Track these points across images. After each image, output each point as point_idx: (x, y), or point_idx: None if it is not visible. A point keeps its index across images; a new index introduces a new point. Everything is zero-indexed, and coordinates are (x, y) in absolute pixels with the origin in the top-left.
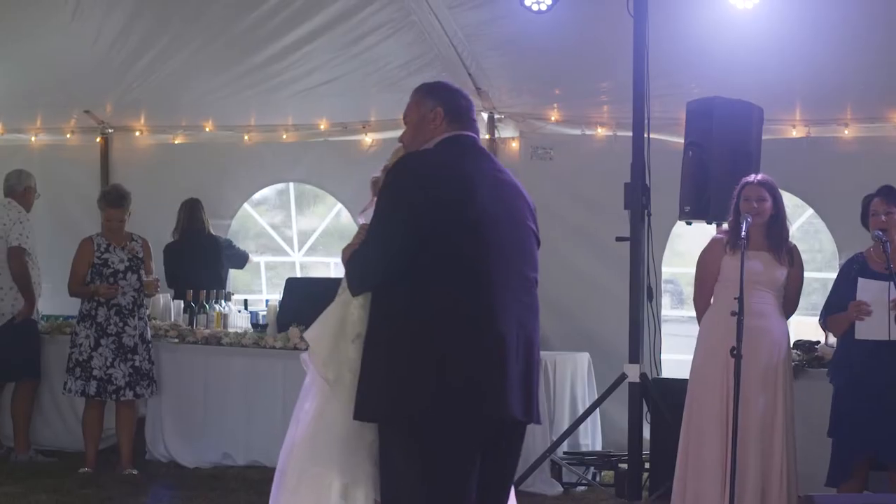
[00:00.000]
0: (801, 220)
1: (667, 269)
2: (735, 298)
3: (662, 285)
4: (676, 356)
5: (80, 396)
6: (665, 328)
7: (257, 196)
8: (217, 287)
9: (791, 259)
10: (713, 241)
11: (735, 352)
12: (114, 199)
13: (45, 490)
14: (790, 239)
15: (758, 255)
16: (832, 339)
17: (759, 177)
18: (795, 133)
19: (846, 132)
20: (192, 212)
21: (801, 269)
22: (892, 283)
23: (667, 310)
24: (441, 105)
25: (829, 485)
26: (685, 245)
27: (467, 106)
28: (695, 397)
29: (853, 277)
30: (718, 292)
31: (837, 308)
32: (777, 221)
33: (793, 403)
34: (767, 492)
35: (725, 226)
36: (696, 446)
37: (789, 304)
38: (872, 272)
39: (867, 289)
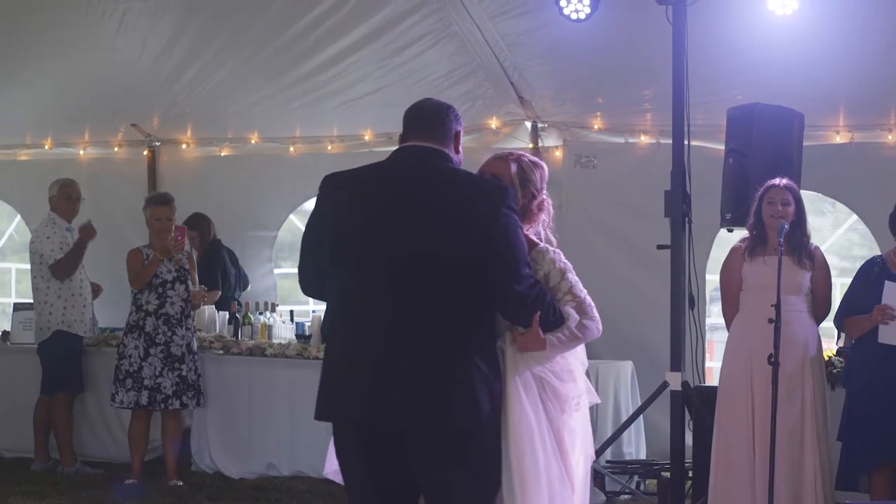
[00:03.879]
0: (846, 227)
1: (716, 278)
2: (772, 306)
3: (714, 293)
4: None
5: (131, 408)
6: (715, 335)
7: (311, 207)
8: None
9: (812, 262)
10: (732, 251)
11: (772, 359)
12: (159, 198)
13: (89, 501)
14: (812, 242)
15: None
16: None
17: (784, 181)
18: (839, 139)
19: (890, 137)
20: (204, 226)
21: (827, 271)
22: None
23: (717, 317)
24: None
25: (840, 488)
26: None
27: (415, 116)
28: (722, 405)
29: (873, 280)
30: (744, 300)
31: (856, 309)
32: (798, 227)
33: (824, 408)
34: (801, 497)
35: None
36: (725, 454)
37: (820, 307)
38: (893, 275)
39: (894, 293)
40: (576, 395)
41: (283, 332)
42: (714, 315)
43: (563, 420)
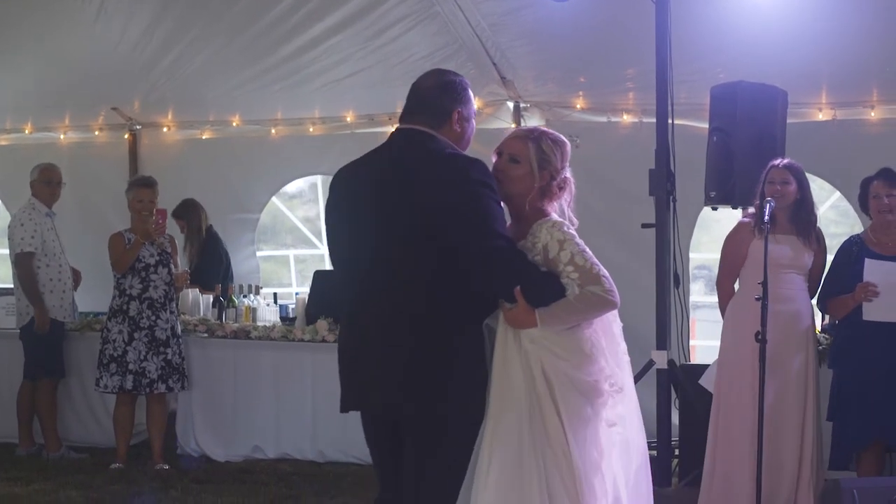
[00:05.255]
0: (828, 204)
1: (701, 255)
2: (759, 283)
3: (696, 271)
4: (710, 342)
5: (116, 392)
6: (698, 314)
7: (292, 189)
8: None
9: (819, 244)
10: (740, 225)
11: (760, 336)
12: (142, 181)
13: (75, 486)
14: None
15: (787, 240)
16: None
17: (786, 161)
18: (822, 116)
19: (872, 114)
20: (193, 215)
21: (825, 253)
22: None
23: (700, 296)
24: None
25: (833, 468)
26: (722, 230)
27: (410, 96)
28: (724, 382)
29: (853, 259)
30: (745, 276)
31: (838, 290)
32: (803, 206)
33: (818, 385)
34: (800, 474)
35: (751, 209)
36: (726, 430)
37: (812, 286)
38: (872, 253)
39: (875, 270)
40: (600, 377)
41: (268, 315)
42: (695, 293)
43: (579, 405)
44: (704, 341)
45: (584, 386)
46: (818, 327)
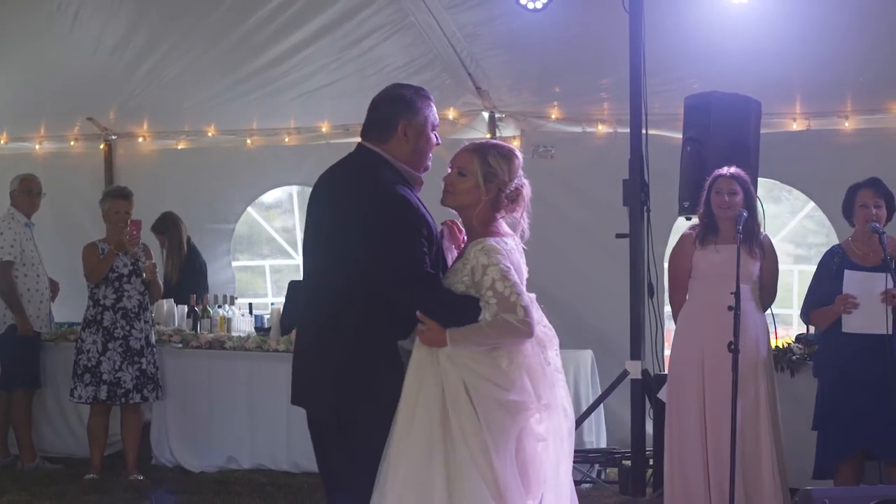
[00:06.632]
0: (803, 214)
1: None
2: (731, 293)
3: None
4: None
5: (90, 402)
6: (671, 324)
7: (269, 200)
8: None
9: (763, 251)
10: (682, 238)
11: (732, 346)
12: (118, 191)
13: (49, 497)
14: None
15: (729, 249)
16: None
17: (732, 170)
18: (796, 126)
19: (846, 124)
20: (173, 229)
21: (775, 259)
22: (888, 276)
23: None
24: None
25: (817, 477)
26: None
27: (368, 112)
28: (673, 394)
29: (834, 270)
30: (692, 288)
31: (820, 301)
32: (749, 215)
33: (776, 395)
34: (758, 484)
35: (695, 219)
36: (679, 442)
37: (766, 295)
38: (853, 264)
39: (854, 281)
40: (524, 396)
41: (242, 325)
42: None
43: (502, 419)
44: None
45: (510, 405)
46: (791, 336)
